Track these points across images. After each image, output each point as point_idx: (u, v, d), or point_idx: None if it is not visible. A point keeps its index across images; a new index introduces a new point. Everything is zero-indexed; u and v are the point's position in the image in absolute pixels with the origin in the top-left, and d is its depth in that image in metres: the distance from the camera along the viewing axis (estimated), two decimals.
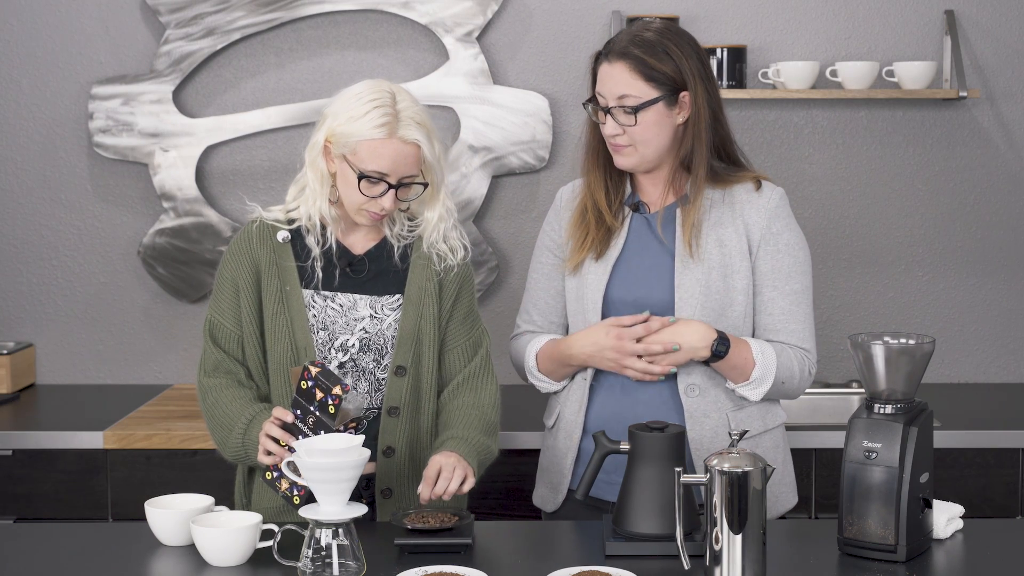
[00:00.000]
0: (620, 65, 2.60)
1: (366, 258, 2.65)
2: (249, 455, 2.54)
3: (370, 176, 2.52)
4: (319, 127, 2.59)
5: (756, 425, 2.68)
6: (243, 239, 2.65)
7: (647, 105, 2.59)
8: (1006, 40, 3.84)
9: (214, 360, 2.63)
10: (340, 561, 2.22)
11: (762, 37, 3.85)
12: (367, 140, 2.51)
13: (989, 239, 3.91)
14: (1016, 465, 3.35)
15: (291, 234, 2.64)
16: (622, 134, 2.62)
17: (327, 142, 2.57)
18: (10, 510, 3.36)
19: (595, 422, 2.69)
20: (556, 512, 2.75)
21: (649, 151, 2.63)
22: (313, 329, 2.60)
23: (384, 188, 2.53)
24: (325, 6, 3.82)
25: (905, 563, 2.31)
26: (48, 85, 3.88)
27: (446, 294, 2.67)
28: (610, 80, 2.61)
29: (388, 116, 2.52)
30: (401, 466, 2.63)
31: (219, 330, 2.63)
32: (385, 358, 2.63)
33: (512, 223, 3.90)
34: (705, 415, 2.64)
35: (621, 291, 2.67)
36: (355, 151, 2.53)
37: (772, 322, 2.67)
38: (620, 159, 2.66)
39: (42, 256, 3.93)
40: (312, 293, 2.62)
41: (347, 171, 2.55)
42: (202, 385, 2.63)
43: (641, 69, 2.59)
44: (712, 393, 2.65)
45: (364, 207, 2.56)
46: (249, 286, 2.62)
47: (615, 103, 2.61)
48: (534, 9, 3.86)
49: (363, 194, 2.54)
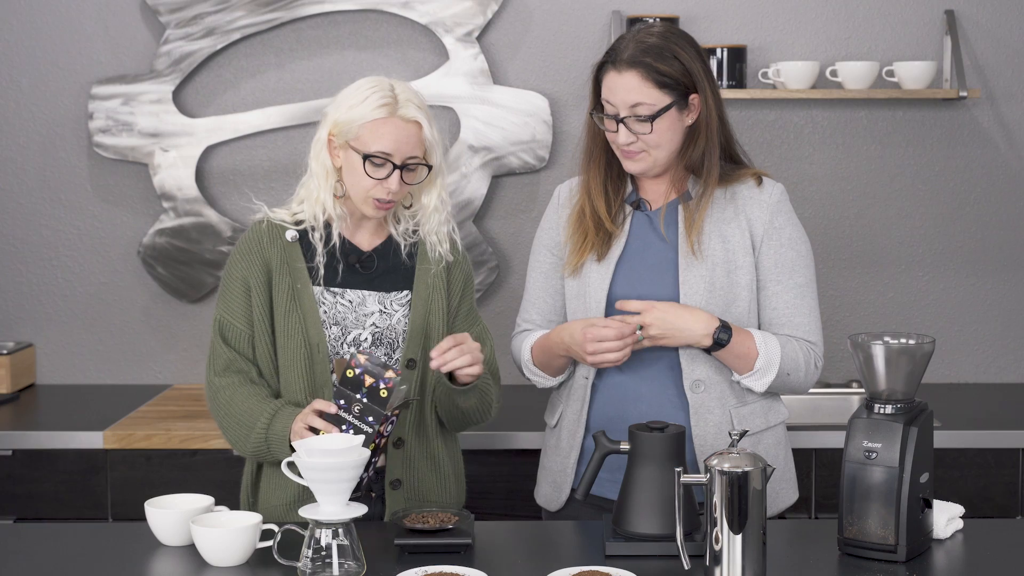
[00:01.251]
0: (631, 74, 2.59)
1: (374, 254, 2.68)
2: (272, 451, 2.55)
3: (374, 157, 2.55)
4: (322, 124, 2.64)
5: (759, 422, 2.68)
6: (253, 238, 2.66)
7: (662, 112, 2.59)
8: (1006, 40, 3.84)
9: (225, 359, 2.64)
10: (340, 561, 2.22)
11: (762, 37, 3.85)
12: (369, 122, 2.56)
13: (989, 239, 3.91)
14: (1016, 465, 3.35)
15: (299, 233, 2.66)
16: (636, 141, 2.62)
17: (330, 135, 2.62)
18: (10, 510, 3.36)
19: (598, 421, 2.69)
20: (559, 511, 2.76)
21: (662, 155, 2.64)
22: (325, 324, 2.62)
23: (389, 169, 2.57)
24: (325, 6, 3.82)
25: (905, 563, 2.31)
26: (48, 85, 3.88)
27: (454, 290, 2.71)
28: (621, 90, 2.60)
29: (388, 98, 2.57)
30: (411, 457, 2.65)
31: (229, 329, 2.64)
32: (396, 352, 2.65)
33: (512, 223, 3.91)
34: (709, 411, 2.65)
35: (625, 289, 2.67)
36: (358, 135, 2.57)
37: (777, 316, 2.67)
38: (632, 164, 2.66)
39: (42, 256, 3.93)
40: (321, 290, 2.64)
41: (352, 157, 2.58)
42: (213, 384, 2.64)
43: (653, 76, 2.58)
44: (717, 389, 2.66)
45: (371, 193, 2.58)
46: (260, 285, 2.63)
47: (627, 112, 2.60)
48: (534, 9, 3.86)
49: (369, 176, 2.56)
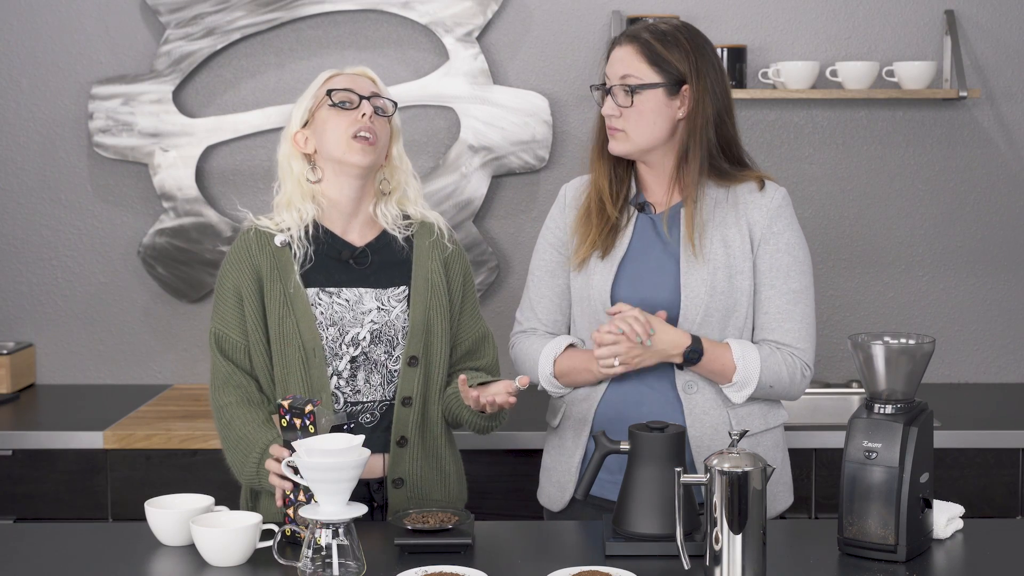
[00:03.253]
0: (628, 47, 2.63)
1: (368, 249, 2.67)
2: (263, 484, 2.54)
3: (338, 93, 2.64)
4: (283, 137, 2.70)
5: (757, 424, 2.67)
6: (242, 247, 2.66)
7: (646, 88, 2.60)
8: (1006, 40, 3.84)
9: (224, 374, 2.63)
10: (340, 561, 2.22)
11: (762, 37, 3.85)
12: (323, 82, 2.68)
13: (989, 239, 3.91)
14: (1016, 465, 3.35)
15: (288, 238, 2.65)
16: (618, 116, 2.63)
17: (295, 134, 2.67)
18: (10, 510, 3.36)
19: (601, 421, 2.69)
20: (563, 511, 2.75)
21: (641, 138, 2.63)
22: (322, 326, 2.61)
23: (357, 101, 2.63)
24: (325, 6, 3.82)
25: (905, 563, 2.31)
26: (48, 85, 3.88)
27: (454, 286, 2.71)
28: (617, 62, 2.64)
29: (334, 71, 2.71)
30: (413, 456, 2.65)
31: (225, 341, 2.63)
32: (396, 349, 2.64)
33: (512, 223, 3.91)
34: (704, 412, 2.64)
35: (628, 290, 2.66)
36: (317, 97, 2.66)
37: (768, 321, 2.66)
38: (613, 144, 2.66)
39: (42, 256, 3.93)
40: (317, 291, 2.63)
41: (320, 113, 2.65)
42: (215, 402, 2.63)
43: (646, 53, 2.61)
44: (710, 391, 2.65)
45: (349, 131, 2.62)
46: (252, 294, 2.62)
47: (616, 82, 2.63)
48: (534, 9, 3.86)
49: (342, 115, 2.61)
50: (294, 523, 2.39)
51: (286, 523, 2.39)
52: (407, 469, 2.64)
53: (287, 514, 2.44)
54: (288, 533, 2.38)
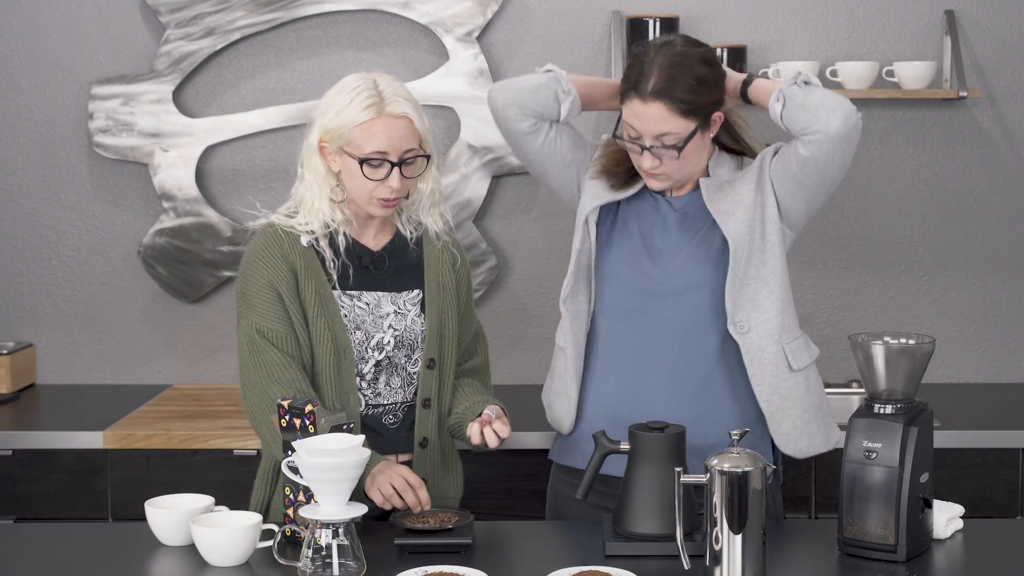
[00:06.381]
0: (656, 105, 2.57)
1: (385, 254, 2.67)
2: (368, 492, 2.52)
3: (371, 159, 2.55)
4: (310, 129, 2.62)
5: (804, 359, 2.68)
6: (272, 243, 2.61)
7: (689, 139, 2.61)
8: (1006, 40, 3.84)
9: (279, 365, 2.54)
10: (340, 561, 2.22)
11: (762, 37, 3.85)
12: (359, 124, 2.54)
13: (989, 239, 3.91)
14: (1016, 465, 3.35)
15: (314, 238, 2.62)
16: (660, 165, 2.63)
17: (322, 142, 2.60)
18: (10, 510, 3.36)
19: (603, 421, 2.68)
20: (573, 432, 2.74)
21: (684, 174, 2.68)
22: (349, 329, 2.61)
23: (388, 168, 2.55)
24: (325, 6, 3.82)
25: (905, 563, 2.31)
26: (48, 85, 3.88)
27: (461, 291, 2.73)
28: (648, 120, 2.59)
29: (373, 97, 2.55)
30: (434, 456, 2.67)
31: (273, 335, 2.56)
32: (415, 352, 2.66)
33: (512, 223, 3.91)
34: (761, 349, 2.64)
35: (632, 267, 2.72)
36: (350, 140, 2.55)
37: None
38: (655, 183, 2.68)
39: (42, 256, 3.93)
40: (339, 293, 2.63)
41: (348, 163, 2.57)
42: (264, 399, 2.54)
43: (678, 107, 2.58)
44: (760, 329, 2.64)
45: (375, 194, 2.57)
46: (291, 289, 2.58)
47: (653, 141, 2.60)
48: (534, 9, 3.86)
49: (369, 179, 2.55)
50: (294, 523, 2.39)
51: (286, 523, 2.39)
52: (428, 470, 2.66)
53: (287, 514, 2.44)
54: (288, 533, 2.38)
